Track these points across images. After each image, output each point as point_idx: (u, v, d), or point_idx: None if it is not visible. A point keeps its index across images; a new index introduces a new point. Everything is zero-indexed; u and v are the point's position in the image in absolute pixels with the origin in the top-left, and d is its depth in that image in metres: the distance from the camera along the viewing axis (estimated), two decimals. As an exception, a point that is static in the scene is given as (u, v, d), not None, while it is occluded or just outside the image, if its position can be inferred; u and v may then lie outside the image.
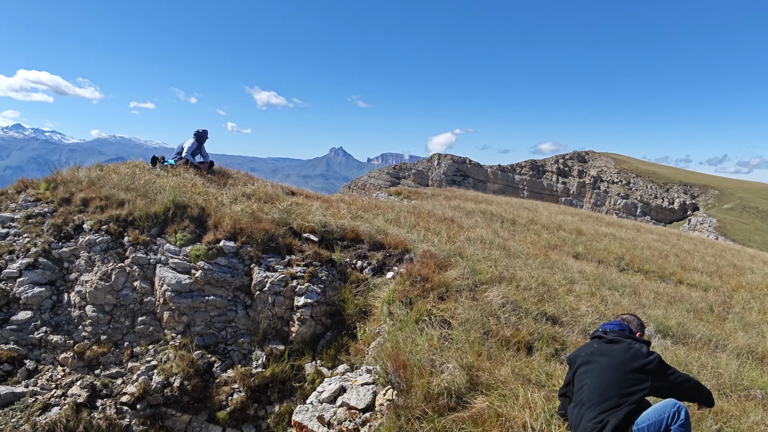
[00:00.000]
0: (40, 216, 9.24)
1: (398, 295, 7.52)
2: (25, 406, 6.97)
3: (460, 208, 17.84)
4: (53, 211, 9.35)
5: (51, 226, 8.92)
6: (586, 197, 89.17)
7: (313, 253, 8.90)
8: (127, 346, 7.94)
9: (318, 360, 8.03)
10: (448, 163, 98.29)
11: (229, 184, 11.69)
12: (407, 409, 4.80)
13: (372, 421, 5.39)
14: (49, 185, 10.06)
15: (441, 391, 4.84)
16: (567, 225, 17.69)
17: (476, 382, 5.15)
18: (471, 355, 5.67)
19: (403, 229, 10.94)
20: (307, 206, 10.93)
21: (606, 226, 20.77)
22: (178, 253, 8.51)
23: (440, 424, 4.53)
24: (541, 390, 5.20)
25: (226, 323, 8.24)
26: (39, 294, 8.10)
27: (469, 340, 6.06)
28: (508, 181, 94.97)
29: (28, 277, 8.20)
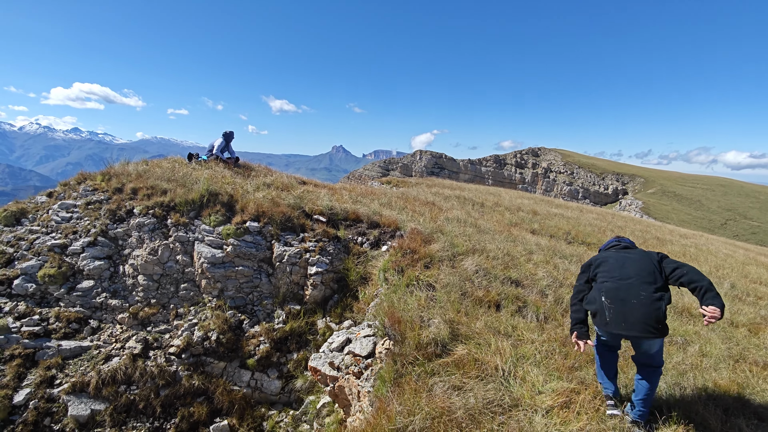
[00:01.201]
0: (98, 203, 9.06)
1: (392, 265, 7.47)
2: (91, 357, 6.91)
3: (439, 194, 17.74)
4: (108, 198, 9.15)
5: (107, 211, 8.74)
6: (539, 185, 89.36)
7: (322, 231, 8.82)
8: (173, 307, 7.87)
9: (327, 317, 8.01)
10: (427, 158, 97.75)
11: (251, 175, 11.50)
12: (401, 356, 4.80)
13: (373, 365, 5.39)
14: (104, 177, 9.83)
15: (429, 341, 4.84)
16: (525, 207, 17.68)
17: (457, 333, 5.15)
18: (452, 312, 5.66)
19: (395, 211, 10.85)
20: (317, 193, 10.79)
21: (556, 207, 20.81)
22: (212, 232, 8.39)
23: (429, 367, 4.53)
24: (508, 339, 5.21)
25: (252, 288, 8.18)
26: (99, 266, 7.97)
27: (450, 300, 6.04)
28: (476, 172, 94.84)
29: (89, 252, 8.06)
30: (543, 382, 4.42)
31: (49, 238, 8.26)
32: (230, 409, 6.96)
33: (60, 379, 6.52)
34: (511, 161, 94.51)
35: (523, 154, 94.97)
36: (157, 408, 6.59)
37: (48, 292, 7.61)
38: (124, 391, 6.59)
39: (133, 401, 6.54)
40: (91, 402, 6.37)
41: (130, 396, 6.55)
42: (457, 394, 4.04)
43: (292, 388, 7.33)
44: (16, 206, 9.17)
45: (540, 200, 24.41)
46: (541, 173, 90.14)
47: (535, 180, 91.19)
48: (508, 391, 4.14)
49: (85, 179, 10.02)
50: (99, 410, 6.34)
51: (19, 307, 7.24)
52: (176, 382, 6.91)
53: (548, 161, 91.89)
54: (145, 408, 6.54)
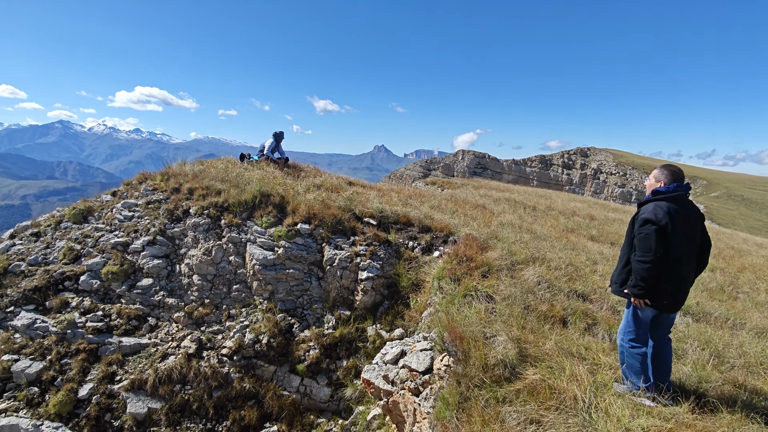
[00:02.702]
0: (157, 202, 9.29)
1: (447, 273, 7.08)
2: (149, 355, 7.02)
3: (488, 196, 17.06)
4: (166, 198, 9.37)
5: (165, 211, 8.94)
6: (587, 186, 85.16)
7: (372, 235, 8.56)
8: (225, 308, 7.89)
9: (378, 324, 7.73)
10: (470, 158, 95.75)
11: (301, 176, 11.46)
12: (466, 377, 4.39)
13: (432, 383, 5.02)
14: (163, 177, 10.10)
15: (496, 362, 4.40)
16: (579, 211, 16.63)
17: (525, 354, 4.67)
18: (516, 329, 5.19)
19: (446, 215, 10.42)
20: (366, 195, 10.56)
21: (612, 212, 19.48)
22: (264, 233, 8.35)
23: (498, 393, 4.10)
24: (582, 363, 4.68)
25: (302, 292, 8.05)
26: (157, 265, 8.14)
27: (513, 314, 5.56)
28: (520, 173, 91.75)
29: (149, 251, 8.25)
30: (630, 416, 3.87)
31: (113, 236, 8.55)
32: (280, 414, 6.84)
33: (120, 375, 6.65)
34: (557, 162, 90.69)
35: (571, 155, 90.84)
36: (210, 409, 6.58)
37: (111, 288, 7.85)
38: (179, 390, 6.62)
39: (187, 401, 6.56)
40: (148, 400, 6.45)
41: (184, 396, 6.57)
42: (534, 430, 3.59)
43: (341, 397, 7.11)
44: (84, 204, 9.60)
45: (594, 203, 23.00)
46: (591, 174, 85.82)
47: (583, 181, 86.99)
48: (593, 428, 3.64)
49: (145, 179, 10.35)
50: (155, 409, 6.40)
51: (84, 302, 7.51)
52: (228, 384, 6.88)
53: (598, 162, 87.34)
54: (198, 409, 6.55)
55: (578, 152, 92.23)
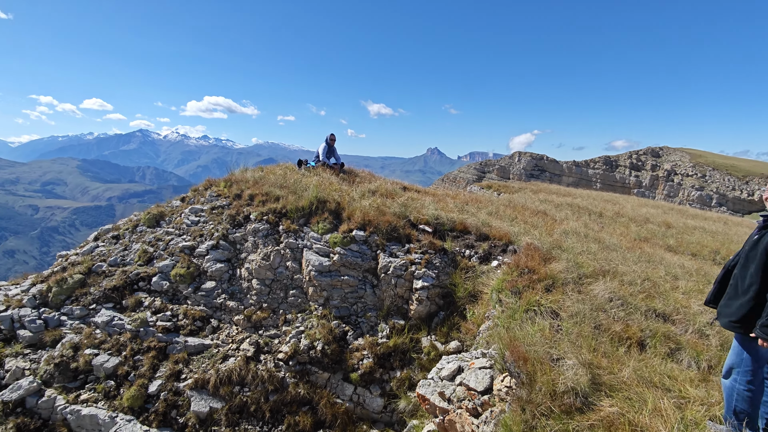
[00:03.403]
0: (220, 208, 9.73)
1: (507, 284, 6.70)
2: (211, 355, 7.31)
3: (548, 201, 16.19)
4: (229, 204, 9.79)
5: (227, 216, 9.33)
6: (659, 189, 78.51)
7: (428, 243, 8.34)
8: (282, 313, 8.05)
9: (433, 335, 7.49)
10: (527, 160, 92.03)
11: (356, 181, 11.50)
12: (531, 403, 4.05)
13: (492, 405, 4.72)
14: (226, 184, 10.57)
15: (566, 389, 4.01)
16: (653, 217, 15.27)
17: (598, 381, 4.23)
18: (586, 351, 4.73)
19: (504, 222, 9.95)
20: (421, 201, 10.36)
21: (692, 218, 17.72)
22: (320, 239, 8.43)
23: (570, 426, 3.73)
24: (667, 395, 4.15)
25: (357, 299, 8.01)
26: (220, 269, 8.49)
27: (582, 334, 5.09)
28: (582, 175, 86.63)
29: (213, 255, 8.64)
30: (729, 465, 3.35)
31: (181, 240, 9.06)
32: (333, 422, 6.82)
33: (185, 374, 6.98)
34: (624, 163, 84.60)
35: (641, 155, 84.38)
36: (266, 413, 6.70)
37: (178, 290, 8.30)
38: (238, 392, 6.82)
39: (245, 403, 6.74)
40: (210, 399, 6.70)
41: (243, 398, 6.75)
42: (614, 472, 3.20)
43: (394, 408, 6.95)
44: (157, 209, 10.29)
45: (669, 209, 21.09)
46: (663, 176, 79.11)
47: (654, 184, 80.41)
48: (684, 476, 3.19)
49: (211, 185, 10.90)
50: (216, 408, 6.63)
51: (155, 302, 8.00)
52: (284, 389, 6.98)
53: (672, 162, 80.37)
54: (255, 411, 6.69)
55: (648, 152, 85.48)
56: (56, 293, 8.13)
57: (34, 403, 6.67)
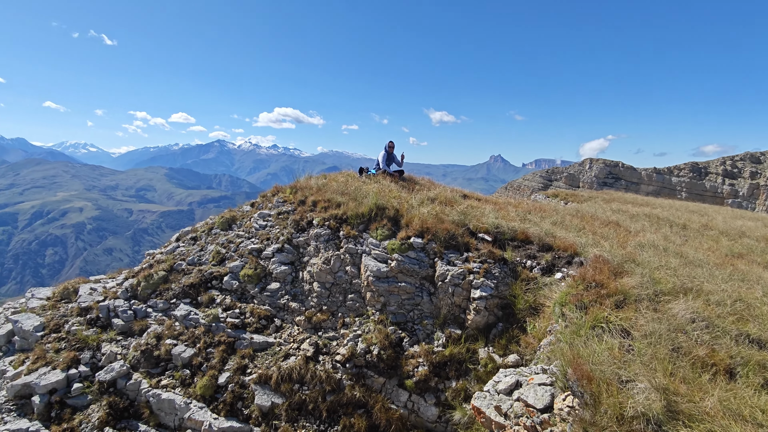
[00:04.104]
0: (286, 213, 10.29)
1: (571, 298, 6.35)
2: (274, 353, 7.71)
3: (622, 211, 15.06)
4: (293, 210, 10.31)
5: (292, 221, 9.83)
6: (760, 199, 69.54)
7: (487, 252, 8.16)
8: (340, 316, 8.28)
9: (490, 347, 7.29)
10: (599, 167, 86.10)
11: (416, 189, 11.54)
12: (596, 426, 3.81)
13: (552, 425, 4.48)
14: (292, 190, 11.15)
15: (636, 414, 3.72)
16: (751, 231, 13.57)
17: (675, 409, 3.87)
18: (662, 375, 4.34)
19: (570, 233, 9.43)
20: (481, 209, 10.15)
21: (799, 233, 15.48)
22: (378, 246, 8.58)
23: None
24: (759, 430, 3.68)
25: (413, 306, 8.03)
26: (284, 271, 8.96)
27: (657, 356, 4.68)
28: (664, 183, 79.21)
29: (277, 258, 9.14)
30: None
31: (250, 243, 9.70)
32: (387, 427, 6.86)
33: (250, 368, 7.43)
34: (716, 170, 76.10)
35: (736, 161, 75.42)
36: (323, 412, 6.92)
37: (246, 289, 8.88)
38: (298, 390, 7.11)
39: (303, 401, 7.01)
40: (272, 395, 7.06)
41: (302, 396, 7.03)
42: None
43: (449, 419, 6.84)
44: (229, 214, 11.12)
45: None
46: (765, 185, 70.03)
47: (754, 193, 71.39)
48: None
49: (278, 191, 11.56)
50: (277, 404, 6.97)
51: (226, 300, 8.63)
52: (340, 390, 7.16)
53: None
54: (313, 410, 6.94)
55: (747, 157, 76.24)
56: (144, 287, 9.07)
57: (123, 385, 7.47)
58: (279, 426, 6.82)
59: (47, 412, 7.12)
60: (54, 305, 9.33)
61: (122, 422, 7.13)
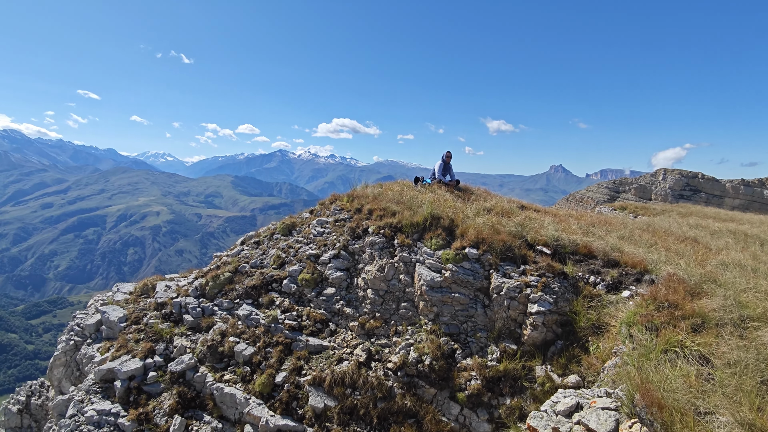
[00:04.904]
0: (342, 221, 10.62)
1: (640, 319, 5.96)
2: (328, 356, 7.94)
3: (701, 226, 13.77)
4: (350, 217, 10.62)
5: (348, 229, 10.12)
6: None
7: (546, 265, 7.87)
8: (393, 324, 8.36)
9: (548, 365, 6.99)
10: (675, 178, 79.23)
11: (471, 199, 11.42)
12: (666, 458, 3.54)
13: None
14: (349, 198, 11.49)
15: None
16: None
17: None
18: (748, 409, 3.94)
19: (640, 248, 8.83)
20: (540, 220, 9.81)
21: None
22: (432, 255, 8.58)
23: (716, 492, 3.16)
24: None
25: (467, 318, 7.92)
26: (339, 277, 9.23)
27: (743, 387, 4.25)
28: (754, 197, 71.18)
29: (334, 264, 9.45)
30: None
31: (308, 248, 10.10)
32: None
33: (305, 370, 7.70)
34: (821, 182, 67.02)
35: None
36: (374, 418, 6.99)
37: (303, 293, 9.26)
38: (350, 394, 7.26)
39: (355, 406, 7.14)
40: (325, 397, 7.27)
41: (353, 400, 7.17)
42: None
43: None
44: (290, 220, 11.67)
45: None
46: None
47: None
48: None
49: (335, 200, 11.96)
50: (330, 406, 7.16)
51: (284, 302, 9.04)
52: (391, 398, 7.21)
53: None
54: (364, 415, 7.04)
55: None
56: (211, 287, 9.75)
57: (191, 377, 8.06)
58: (331, 428, 6.99)
59: (126, 397, 7.85)
60: (135, 299, 10.30)
61: (189, 411, 7.67)
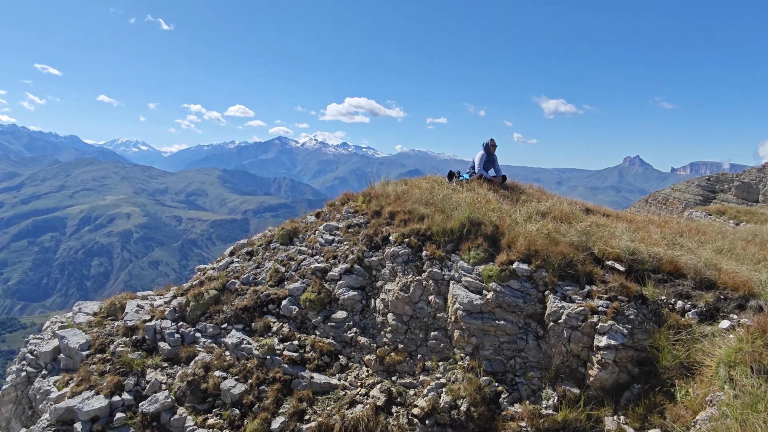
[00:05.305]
0: (357, 226, 10.64)
1: (745, 357, 5.81)
2: (337, 398, 7.93)
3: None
4: (366, 222, 10.63)
5: (364, 236, 10.13)
6: None
7: (618, 286, 7.72)
8: (420, 358, 8.30)
9: (621, 416, 6.83)
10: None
11: (522, 200, 11.32)
12: None
13: None
14: (365, 198, 11.52)
15: None
16: None
17: None
18: None
19: (744, 265, 8.58)
20: (609, 228, 9.63)
21: None
22: (470, 271, 8.50)
23: None
24: None
25: (515, 352, 7.81)
26: (352, 297, 9.25)
27: None
28: None
29: (346, 281, 9.47)
30: None
31: (313, 261, 10.16)
32: None
33: (309, 414, 7.71)
34: None
35: None
36: (396, 479, 6.92)
37: (307, 317, 9.30)
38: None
39: (372, 461, 7.08)
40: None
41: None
42: None
43: (562, 508, 6.47)
44: (291, 225, 11.76)
45: None
46: None
47: None
48: None
49: (348, 200, 12.01)
50: (339, 461, 7.13)
51: (283, 329, 9.10)
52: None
53: None
54: (383, 475, 6.98)
55: None
56: (193, 308, 9.88)
57: (167, 420, 8.15)
58: (341, 490, 6.96)
59: (89, 442, 8.00)
60: (100, 322, 10.51)
61: (165, 463, 7.77)
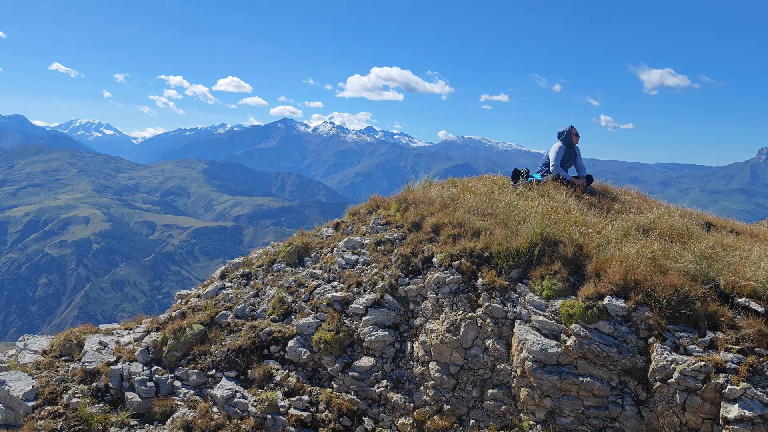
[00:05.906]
0: (389, 243, 10.70)
1: None
2: (361, 476, 7.98)
3: None
4: (402, 237, 10.68)
5: (399, 257, 10.18)
6: None
7: (755, 333, 7.54)
8: (473, 424, 8.26)
9: None
10: None
11: (614, 209, 11.15)
12: None
13: None
14: (400, 205, 11.57)
15: None
16: None
17: None
18: None
19: None
20: (741, 251, 9.41)
21: None
22: (544, 307, 8.43)
23: None
24: None
25: (605, 421, 7.70)
26: (382, 339, 9.30)
27: None
28: None
29: (373, 316, 9.52)
30: None
31: (330, 288, 10.28)
32: None
33: (323, 498, 7.78)
34: None
35: None
36: None
37: (321, 363, 9.42)
38: None
39: None
40: None
41: None
42: None
43: None
44: (301, 240, 11.91)
45: None
46: None
47: None
48: None
49: (377, 206, 12.10)
50: None
51: (290, 379, 9.23)
52: None
53: None
54: None
55: None
56: (172, 347, 10.12)
57: (135, 497, 8.37)
58: None
59: None
60: (51, 363, 10.87)
61: None
